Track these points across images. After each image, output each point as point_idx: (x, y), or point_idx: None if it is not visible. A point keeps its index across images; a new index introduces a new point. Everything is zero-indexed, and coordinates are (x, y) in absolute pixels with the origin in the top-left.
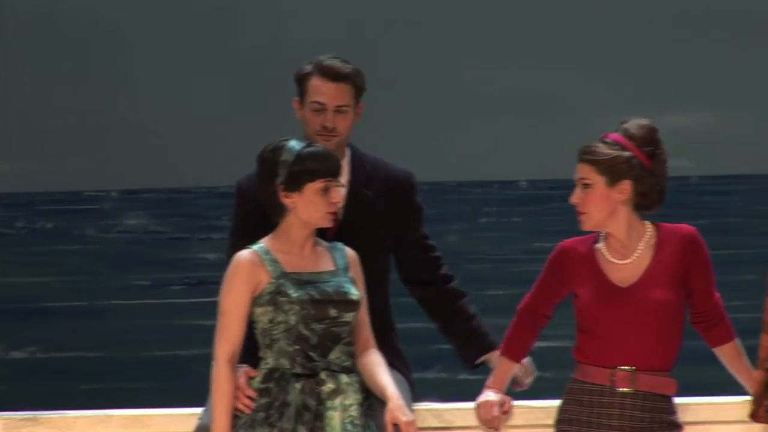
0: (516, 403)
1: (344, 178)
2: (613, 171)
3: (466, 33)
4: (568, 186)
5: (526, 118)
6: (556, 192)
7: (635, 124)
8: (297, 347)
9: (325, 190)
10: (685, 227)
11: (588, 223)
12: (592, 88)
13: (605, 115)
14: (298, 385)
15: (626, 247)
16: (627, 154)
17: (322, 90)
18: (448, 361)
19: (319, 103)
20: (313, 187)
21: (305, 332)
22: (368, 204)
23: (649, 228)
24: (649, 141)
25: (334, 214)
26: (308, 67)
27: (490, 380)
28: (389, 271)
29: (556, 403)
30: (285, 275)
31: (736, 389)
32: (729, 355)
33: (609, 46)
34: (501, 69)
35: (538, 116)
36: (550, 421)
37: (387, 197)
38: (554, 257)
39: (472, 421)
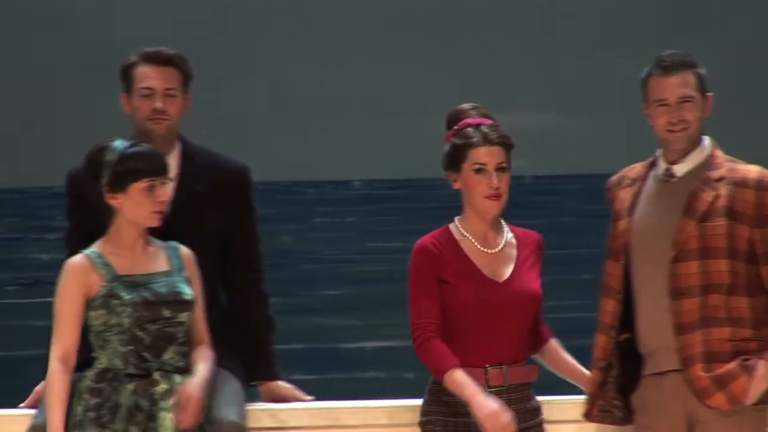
0: (352, 403)
1: (174, 171)
2: (510, 157)
3: (299, 33)
4: (402, 186)
5: (360, 117)
6: (390, 192)
7: (485, 109)
8: (130, 348)
9: (151, 189)
10: (534, 232)
11: (500, 208)
12: (426, 88)
13: (440, 115)
14: (130, 386)
15: (493, 238)
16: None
17: (149, 75)
18: (283, 361)
19: (147, 88)
20: (138, 186)
21: (139, 333)
22: (198, 199)
23: (504, 224)
24: None
25: (161, 213)
26: (133, 58)
27: (470, 391)
28: (219, 269)
29: (394, 402)
30: (117, 278)
31: (570, 389)
32: (553, 353)
33: (445, 46)
34: (334, 69)
35: (372, 116)
36: (386, 420)
37: (219, 191)
38: (418, 256)
39: (307, 421)
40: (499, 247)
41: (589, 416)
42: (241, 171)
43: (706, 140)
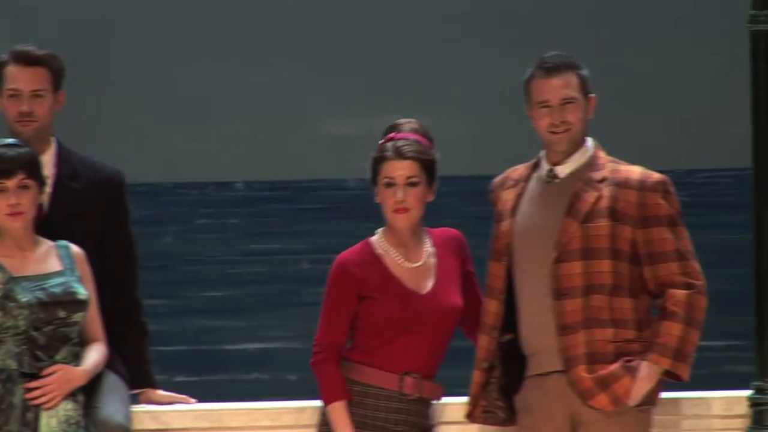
0: (234, 405)
1: (49, 170)
2: (432, 171)
3: (182, 36)
4: (284, 187)
5: (241, 119)
6: (273, 193)
7: (419, 124)
8: (24, 347)
9: (0, 191)
10: (451, 230)
11: (409, 222)
12: (309, 89)
13: (320, 116)
14: (23, 386)
15: (414, 251)
16: (437, 155)
17: (17, 76)
18: (166, 362)
19: (14, 89)
20: None
21: (34, 334)
22: (74, 196)
23: (425, 233)
24: (432, 143)
25: (17, 215)
26: (4, 57)
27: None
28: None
29: (277, 404)
30: (13, 280)
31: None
32: None
33: (326, 49)
34: (218, 71)
35: (253, 118)
36: (269, 422)
37: (95, 191)
38: (338, 273)
39: (189, 422)
40: (421, 261)
41: (471, 417)
42: (115, 174)
43: (589, 141)
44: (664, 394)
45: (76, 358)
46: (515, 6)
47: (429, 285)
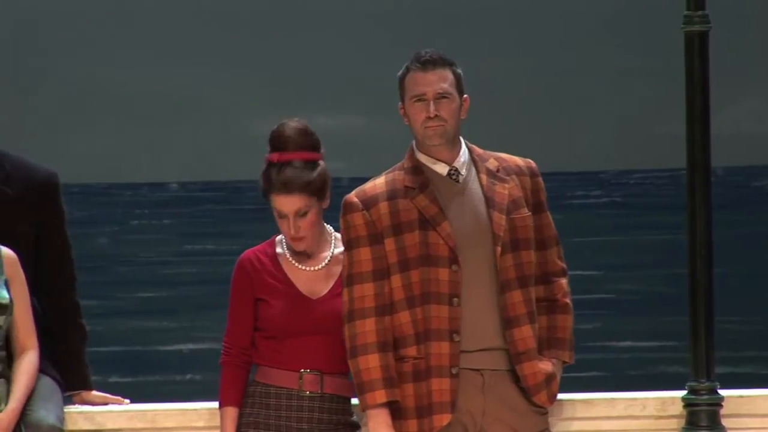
0: (168, 406)
1: None
2: (323, 188)
3: (114, 33)
4: (218, 188)
5: (176, 119)
6: (207, 194)
7: (303, 130)
8: None
9: None
10: None
11: (307, 246)
12: (241, 89)
13: (254, 116)
14: None
15: (316, 255)
16: (321, 167)
17: None
18: (100, 363)
19: None
20: None
21: None
22: (8, 202)
23: (336, 237)
24: (319, 145)
25: None
26: None
27: None
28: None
29: (212, 404)
30: None
31: None
32: None
33: (257, 47)
34: (149, 69)
35: (188, 118)
36: (204, 423)
37: (29, 196)
38: (237, 274)
39: (124, 423)
40: (322, 264)
41: None
42: (49, 177)
43: (461, 139)
44: (599, 394)
45: (1, 363)
46: (442, 5)
47: (324, 290)
